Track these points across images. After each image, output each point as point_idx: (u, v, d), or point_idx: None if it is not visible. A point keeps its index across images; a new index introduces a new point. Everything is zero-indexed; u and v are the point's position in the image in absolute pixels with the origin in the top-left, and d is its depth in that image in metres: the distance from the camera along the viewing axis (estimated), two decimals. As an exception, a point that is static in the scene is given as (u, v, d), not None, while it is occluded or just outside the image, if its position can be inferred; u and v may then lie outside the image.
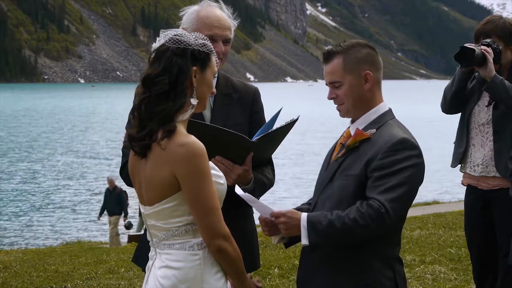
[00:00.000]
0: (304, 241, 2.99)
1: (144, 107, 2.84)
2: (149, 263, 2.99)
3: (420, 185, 3.07)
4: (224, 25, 3.61)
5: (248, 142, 3.41)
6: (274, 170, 3.75)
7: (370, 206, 2.92)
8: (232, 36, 3.68)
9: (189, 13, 3.66)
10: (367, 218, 2.91)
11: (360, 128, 3.11)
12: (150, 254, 2.99)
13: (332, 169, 3.13)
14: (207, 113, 3.64)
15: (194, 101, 2.87)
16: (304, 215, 3.00)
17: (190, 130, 2.98)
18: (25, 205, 27.95)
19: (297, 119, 3.53)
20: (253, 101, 3.77)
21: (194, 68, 2.85)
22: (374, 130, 3.08)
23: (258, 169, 3.56)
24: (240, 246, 2.96)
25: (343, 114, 3.19)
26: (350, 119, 3.23)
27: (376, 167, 2.98)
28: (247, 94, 3.76)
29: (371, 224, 2.91)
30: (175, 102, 2.81)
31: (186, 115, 2.88)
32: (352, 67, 3.10)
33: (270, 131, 3.46)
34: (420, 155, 3.05)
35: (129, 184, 3.38)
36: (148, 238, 3.00)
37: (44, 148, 48.07)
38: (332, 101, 3.21)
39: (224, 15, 3.65)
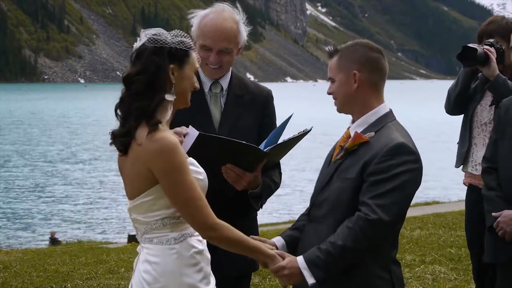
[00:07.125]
0: (311, 280, 2.96)
1: (124, 106, 2.91)
2: (137, 257, 3.05)
3: (416, 190, 3.06)
4: (220, 36, 3.56)
5: (261, 152, 3.42)
6: (281, 174, 3.77)
7: (357, 219, 2.93)
8: (234, 45, 3.61)
9: (197, 16, 3.66)
10: (358, 231, 2.92)
11: (359, 130, 3.10)
12: (137, 248, 3.05)
13: (330, 171, 3.14)
14: (216, 114, 3.64)
15: (170, 97, 2.91)
16: (300, 259, 2.99)
17: (202, 143, 3.15)
18: (25, 205, 27.95)
19: (310, 130, 3.51)
20: (265, 104, 3.76)
21: (172, 66, 2.91)
22: (373, 134, 3.07)
23: (266, 173, 3.57)
24: None
25: (337, 109, 3.22)
26: (349, 120, 3.23)
27: (372, 171, 2.98)
28: (259, 96, 3.75)
29: (366, 233, 2.92)
30: (153, 100, 2.87)
31: (167, 113, 2.92)
32: (344, 65, 3.13)
33: (283, 141, 3.45)
34: (417, 160, 3.03)
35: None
36: (135, 232, 3.07)
37: (41, 150, 48.07)
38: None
39: (226, 24, 3.58)
